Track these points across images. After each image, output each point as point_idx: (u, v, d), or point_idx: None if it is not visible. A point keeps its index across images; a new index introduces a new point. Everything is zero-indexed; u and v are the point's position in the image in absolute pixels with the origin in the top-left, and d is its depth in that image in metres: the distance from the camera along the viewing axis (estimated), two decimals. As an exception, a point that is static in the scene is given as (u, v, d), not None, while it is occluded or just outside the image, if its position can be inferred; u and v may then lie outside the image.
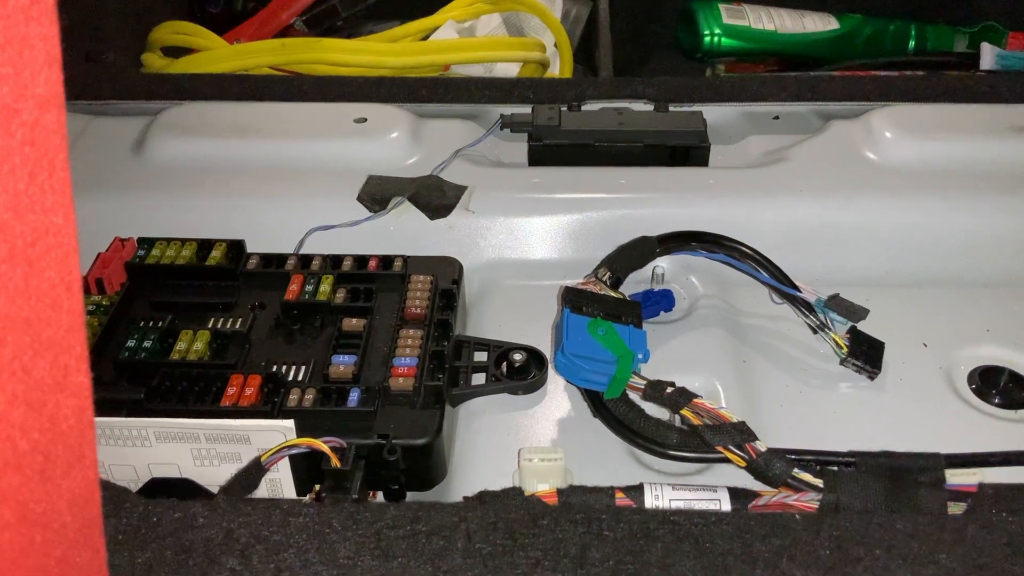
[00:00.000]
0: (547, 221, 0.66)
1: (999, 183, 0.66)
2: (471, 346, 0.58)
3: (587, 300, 0.54)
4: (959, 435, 0.54)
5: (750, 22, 1.05)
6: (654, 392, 0.50)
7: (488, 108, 0.76)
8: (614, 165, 0.70)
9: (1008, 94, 0.76)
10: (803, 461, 0.49)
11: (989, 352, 0.59)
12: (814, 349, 0.60)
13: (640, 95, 0.76)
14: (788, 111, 0.77)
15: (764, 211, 0.66)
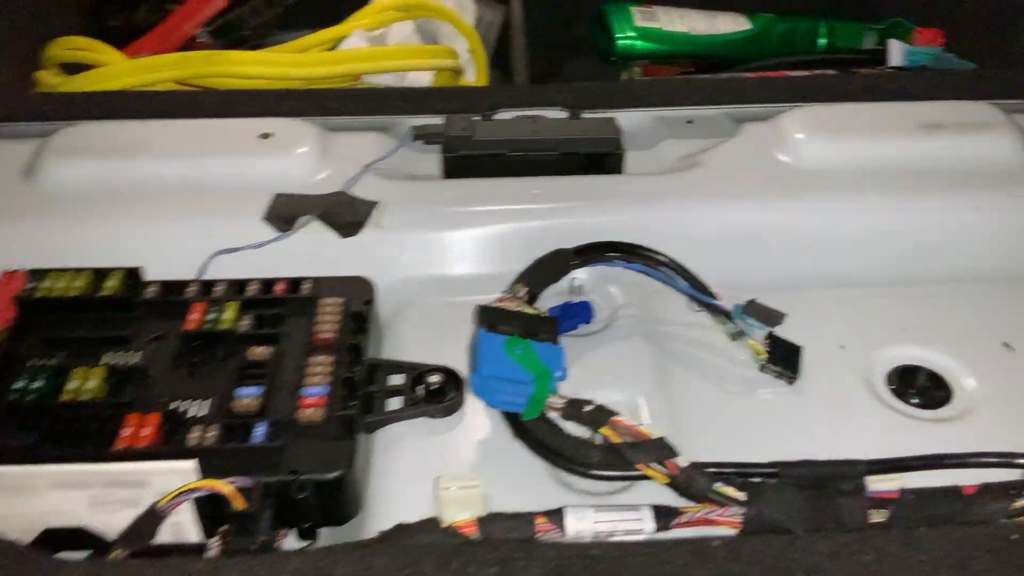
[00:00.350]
0: (462, 235, 0.64)
1: (910, 181, 0.66)
2: (386, 369, 0.56)
3: (503, 318, 0.53)
4: (879, 438, 0.54)
5: (662, 24, 1.05)
6: (573, 411, 0.49)
7: (400, 119, 0.74)
8: (530, 175, 0.69)
9: (916, 91, 0.77)
10: (725, 474, 0.48)
11: (906, 351, 0.60)
12: (734, 355, 0.59)
13: (554, 102, 0.75)
14: (702, 115, 0.77)
15: (680, 217, 0.65)
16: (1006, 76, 0.80)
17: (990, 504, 0.46)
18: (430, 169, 0.71)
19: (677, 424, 0.54)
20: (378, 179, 0.68)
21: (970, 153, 0.68)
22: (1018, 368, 0.58)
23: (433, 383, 0.54)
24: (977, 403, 0.56)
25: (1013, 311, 0.62)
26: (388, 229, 0.64)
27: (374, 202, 0.65)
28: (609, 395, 0.55)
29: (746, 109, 0.77)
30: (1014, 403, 0.55)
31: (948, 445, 0.52)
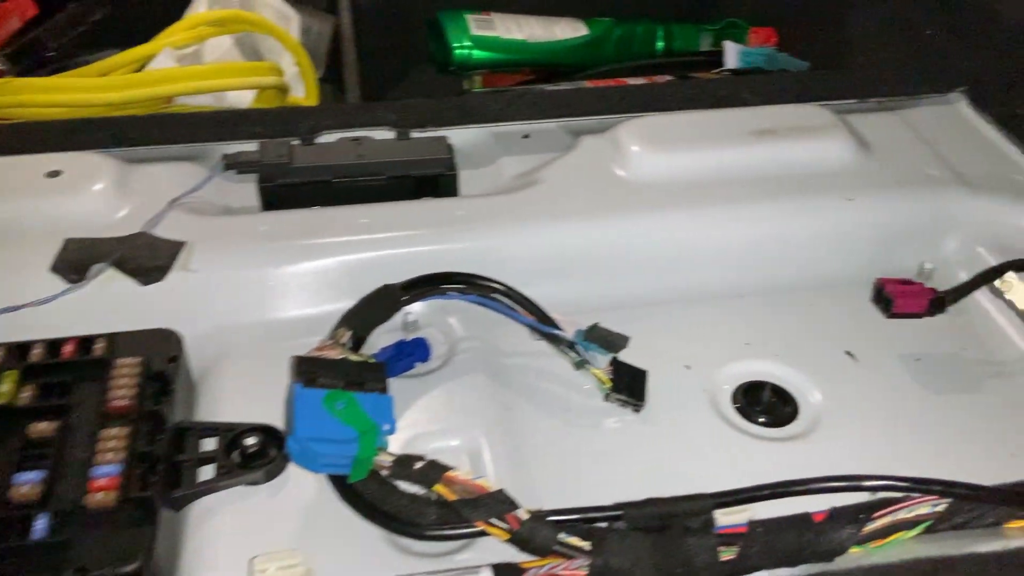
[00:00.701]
0: (284, 273, 0.59)
1: (745, 190, 0.65)
2: (197, 433, 0.50)
3: (323, 369, 0.48)
4: (728, 463, 0.52)
5: (499, 32, 1.02)
6: (402, 470, 0.45)
7: (211, 147, 0.68)
8: (357, 202, 0.64)
9: (749, 97, 0.76)
10: (569, 522, 0.45)
11: (751, 367, 0.58)
12: (580, 384, 0.56)
13: (381, 122, 0.71)
14: (538, 129, 0.74)
15: (519, 240, 0.62)
16: (837, 76, 0.81)
17: (841, 530, 0.44)
18: (247, 201, 0.65)
19: (521, 466, 0.51)
20: (186, 215, 0.62)
21: (803, 158, 0.68)
22: (861, 377, 0.57)
23: (249, 446, 0.49)
24: (823, 417, 0.55)
25: (853, 317, 0.61)
26: (198, 272, 0.58)
27: (181, 242, 0.59)
28: (448, 440, 0.52)
29: (581, 121, 0.74)
30: (859, 414, 0.55)
31: (797, 465, 0.51)
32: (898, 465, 0.51)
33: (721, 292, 0.63)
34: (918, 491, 0.44)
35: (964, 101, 0.78)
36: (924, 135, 0.73)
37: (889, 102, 0.78)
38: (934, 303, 0.59)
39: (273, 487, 0.49)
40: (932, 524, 0.44)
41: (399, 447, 0.51)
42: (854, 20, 0.95)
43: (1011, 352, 0.59)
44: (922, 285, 0.60)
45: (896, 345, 0.59)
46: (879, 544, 0.44)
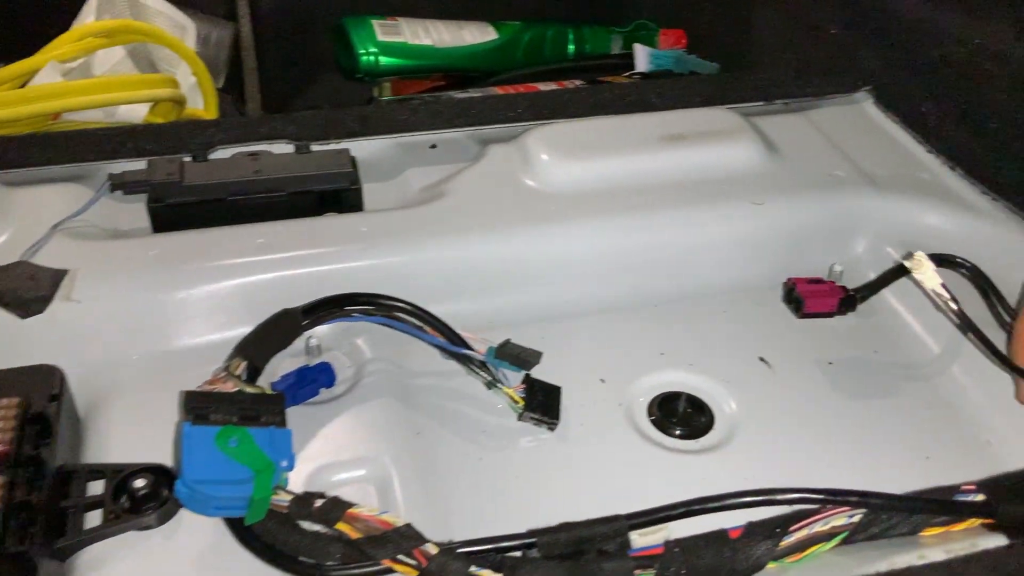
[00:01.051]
0: (176, 300, 0.56)
1: (656, 197, 0.64)
2: (83, 476, 0.47)
3: (215, 404, 0.45)
4: (646, 479, 0.51)
5: (407, 38, 0.99)
6: (302, 509, 0.42)
7: (97, 166, 0.65)
8: (256, 220, 0.61)
9: (657, 102, 0.75)
10: (480, 553, 0.43)
11: (666, 378, 0.57)
12: (492, 404, 0.55)
13: (280, 134, 0.68)
14: (445, 138, 0.72)
15: (426, 256, 0.60)
16: (744, 78, 0.81)
17: (757, 545, 0.43)
18: (137, 223, 0.62)
19: (433, 495, 0.49)
20: (70, 241, 0.58)
21: (712, 163, 0.67)
22: (775, 384, 0.56)
23: (139, 488, 0.46)
24: (739, 426, 0.54)
25: (766, 321, 0.61)
26: (83, 302, 0.54)
27: (64, 270, 0.55)
28: (355, 470, 0.50)
29: (491, 129, 0.73)
30: (775, 423, 0.54)
31: (715, 477, 0.50)
32: (815, 474, 0.51)
33: (635, 301, 0.62)
34: (833, 502, 0.44)
35: (870, 100, 0.79)
36: (831, 135, 0.73)
37: (796, 103, 0.78)
38: (844, 302, 0.59)
39: (167, 530, 0.46)
40: (848, 535, 0.43)
41: (301, 481, 0.48)
42: (761, 21, 0.96)
43: (921, 353, 0.59)
44: (832, 284, 0.60)
45: (809, 349, 0.59)
46: (797, 558, 0.43)
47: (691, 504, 0.45)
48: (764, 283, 0.63)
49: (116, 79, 0.80)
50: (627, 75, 1.03)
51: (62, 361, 0.50)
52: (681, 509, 0.45)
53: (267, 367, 0.52)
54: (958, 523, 0.44)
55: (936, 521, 0.44)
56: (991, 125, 0.69)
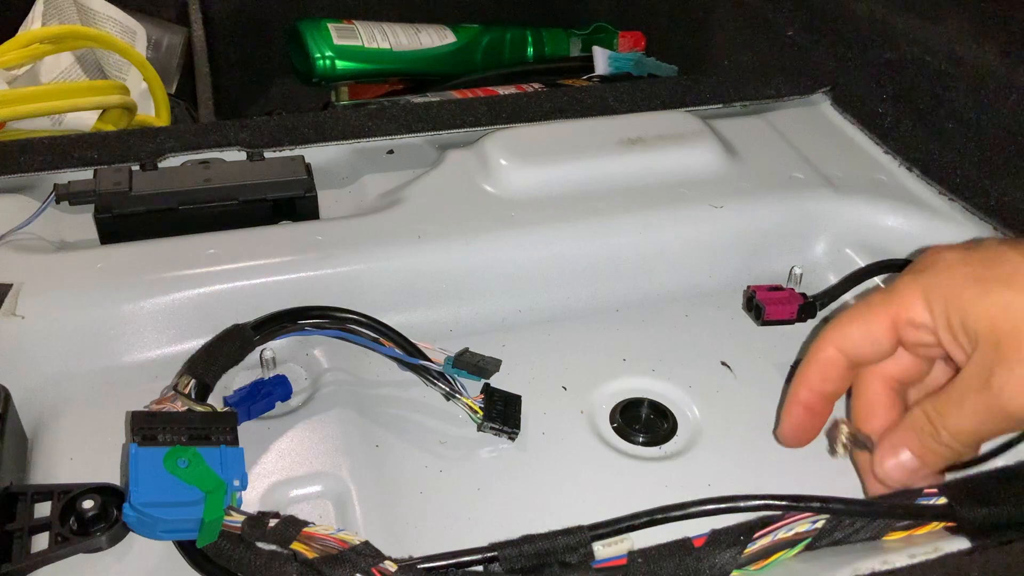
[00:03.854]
0: (124, 313, 0.54)
1: (616, 202, 0.64)
2: (29, 498, 0.45)
3: (163, 424, 0.44)
4: (609, 487, 0.50)
5: (363, 41, 0.98)
6: (255, 530, 0.41)
7: (43, 176, 0.63)
8: (209, 230, 0.60)
9: (616, 105, 0.75)
10: (440, 569, 0.42)
11: (628, 384, 0.57)
12: (453, 414, 0.54)
13: (231, 141, 0.66)
14: (403, 143, 0.71)
15: (383, 264, 0.59)
16: (702, 81, 0.80)
17: (721, 553, 0.43)
18: (85, 235, 0.60)
19: (393, 510, 0.48)
20: (13, 254, 0.56)
21: (671, 166, 0.67)
22: (737, 389, 0.56)
23: (87, 509, 0.44)
24: (702, 432, 0.54)
25: (728, 326, 0.61)
26: (27, 316, 0.52)
27: (8, 284, 0.54)
28: (311, 485, 0.49)
29: (450, 134, 0.72)
30: (737, 427, 0.54)
31: (678, 484, 0.50)
32: (778, 478, 0.51)
33: (597, 307, 0.62)
34: (795, 509, 0.43)
35: (827, 102, 0.79)
36: (789, 137, 0.73)
37: (754, 105, 0.78)
38: (804, 308, 0.59)
39: (117, 552, 0.45)
40: (812, 541, 0.43)
41: (256, 499, 0.47)
42: (718, 23, 0.96)
43: (881, 354, 0.59)
44: (792, 291, 0.60)
45: (771, 353, 0.58)
46: (761, 566, 0.43)
47: (654, 513, 0.44)
48: (725, 286, 0.63)
49: (64, 86, 0.78)
50: (586, 78, 1.03)
51: (7, 378, 0.49)
52: (644, 518, 0.44)
53: (221, 379, 0.51)
54: (921, 527, 0.44)
55: (899, 525, 0.43)
56: (948, 126, 0.69)
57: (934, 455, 0.45)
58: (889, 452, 0.46)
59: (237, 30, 1.01)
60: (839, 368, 0.48)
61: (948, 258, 0.45)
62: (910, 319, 0.45)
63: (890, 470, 0.46)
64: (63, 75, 0.84)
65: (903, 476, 0.46)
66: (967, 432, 0.44)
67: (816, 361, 0.48)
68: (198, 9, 0.95)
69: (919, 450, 0.45)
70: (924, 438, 0.45)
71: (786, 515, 0.43)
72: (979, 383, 0.42)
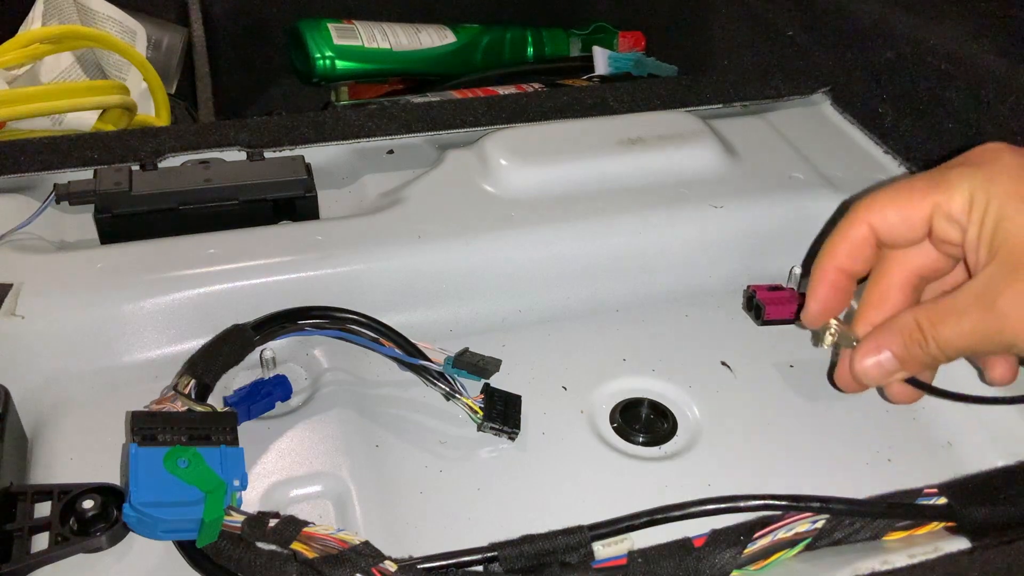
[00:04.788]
0: (125, 313, 0.54)
1: (616, 202, 0.64)
2: (29, 498, 0.45)
3: (163, 424, 0.44)
4: (609, 487, 0.50)
5: (363, 41, 0.98)
6: (255, 530, 0.41)
7: (43, 176, 0.63)
8: (209, 230, 0.60)
9: (616, 105, 0.75)
10: (440, 569, 0.42)
11: (628, 384, 0.57)
12: (453, 414, 0.54)
13: (232, 141, 0.66)
14: (403, 143, 0.71)
15: (384, 264, 0.59)
16: (702, 81, 0.80)
17: (721, 553, 0.43)
18: (85, 235, 0.60)
19: (394, 510, 0.48)
20: (13, 254, 0.56)
21: (672, 166, 0.67)
22: (737, 389, 0.56)
23: (87, 509, 0.44)
24: (702, 432, 0.54)
25: (728, 326, 0.61)
26: (28, 316, 0.52)
27: (7, 284, 0.54)
28: (311, 485, 0.49)
29: (450, 134, 0.72)
30: (738, 427, 0.54)
31: (679, 484, 0.50)
32: (778, 478, 0.51)
33: (597, 307, 0.62)
34: (795, 509, 0.43)
35: (827, 102, 0.79)
36: (789, 137, 0.73)
37: (754, 105, 0.78)
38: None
39: (117, 552, 0.45)
40: (812, 541, 0.43)
41: (256, 499, 0.47)
42: (718, 23, 0.96)
43: (881, 354, 0.59)
44: (793, 291, 0.60)
45: (771, 352, 0.59)
46: (761, 566, 0.43)
47: (654, 513, 0.44)
48: (725, 286, 0.63)
49: (64, 86, 0.78)
50: (586, 78, 1.03)
51: (7, 378, 0.49)
52: (644, 518, 0.44)
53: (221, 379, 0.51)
54: (921, 527, 0.44)
55: (899, 525, 0.44)
56: (948, 126, 0.69)
57: (915, 361, 0.44)
58: (872, 350, 0.45)
59: (237, 30, 1.01)
60: (869, 248, 0.46)
61: (1007, 162, 0.42)
62: (949, 212, 0.43)
63: (868, 368, 0.45)
64: (63, 75, 0.84)
65: (879, 376, 0.45)
66: (957, 347, 0.43)
67: (847, 239, 0.46)
68: (198, 9, 0.95)
69: (901, 353, 0.44)
70: (910, 344, 0.44)
71: (786, 515, 0.43)
72: (984, 302, 0.41)
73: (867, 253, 0.47)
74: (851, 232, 0.46)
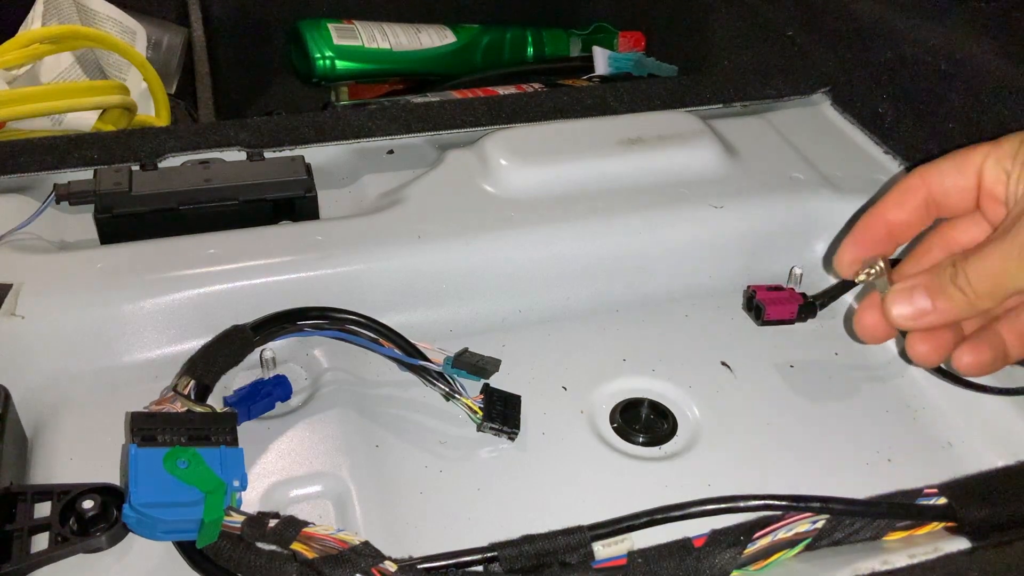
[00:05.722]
0: (124, 313, 0.54)
1: (616, 201, 0.64)
2: (29, 498, 0.45)
3: (162, 425, 0.44)
4: (609, 487, 0.50)
5: (363, 41, 0.98)
6: (255, 530, 0.41)
7: (43, 176, 0.63)
8: (209, 230, 0.60)
9: (616, 105, 0.75)
10: (440, 569, 0.42)
11: (628, 384, 0.57)
12: (453, 414, 0.54)
13: (232, 141, 0.66)
14: (403, 144, 0.71)
15: (384, 264, 0.59)
16: (702, 81, 0.80)
17: (721, 554, 0.43)
18: (85, 235, 0.60)
19: (394, 510, 0.48)
20: (13, 254, 0.56)
21: (672, 166, 0.67)
22: (737, 389, 0.56)
23: (87, 510, 0.44)
24: (702, 432, 0.54)
25: (728, 326, 0.61)
26: (27, 317, 0.52)
27: (7, 284, 0.54)
28: (311, 485, 0.49)
29: (450, 134, 0.72)
30: (738, 427, 0.54)
31: (678, 484, 0.50)
32: (778, 478, 0.51)
33: (597, 307, 0.62)
34: (795, 509, 0.43)
35: (827, 101, 0.79)
36: (789, 137, 0.73)
37: (754, 105, 0.78)
38: (804, 308, 0.59)
39: (117, 552, 0.45)
40: (812, 541, 0.43)
41: (256, 499, 0.47)
42: (718, 23, 0.96)
43: (882, 355, 0.59)
44: (792, 291, 0.60)
45: (771, 353, 0.59)
46: (761, 566, 0.43)
47: (654, 513, 0.44)
48: (725, 286, 0.63)
49: (64, 86, 0.78)
50: (586, 78, 1.03)
51: (7, 378, 0.49)
52: (644, 519, 0.44)
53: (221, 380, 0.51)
54: (921, 527, 0.44)
55: (899, 525, 0.43)
56: (948, 125, 0.69)
57: (947, 300, 0.44)
58: (905, 291, 0.45)
59: (237, 30, 1.00)
60: (917, 198, 0.47)
61: None
62: (998, 158, 0.44)
63: (900, 307, 0.45)
64: (63, 75, 0.84)
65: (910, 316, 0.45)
66: (982, 276, 0.43)
67: (898, 188, 0.47)
68: (198, 9, 0.95)
69: (933, 289, 0.44)
70: (942, 278, 0.44)
71: (786, 515, 0.43)
72: (1007, 233, 0.42)
73: (913, 203, 0.47)
74: (903, 183, 0.47)
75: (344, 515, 0.47)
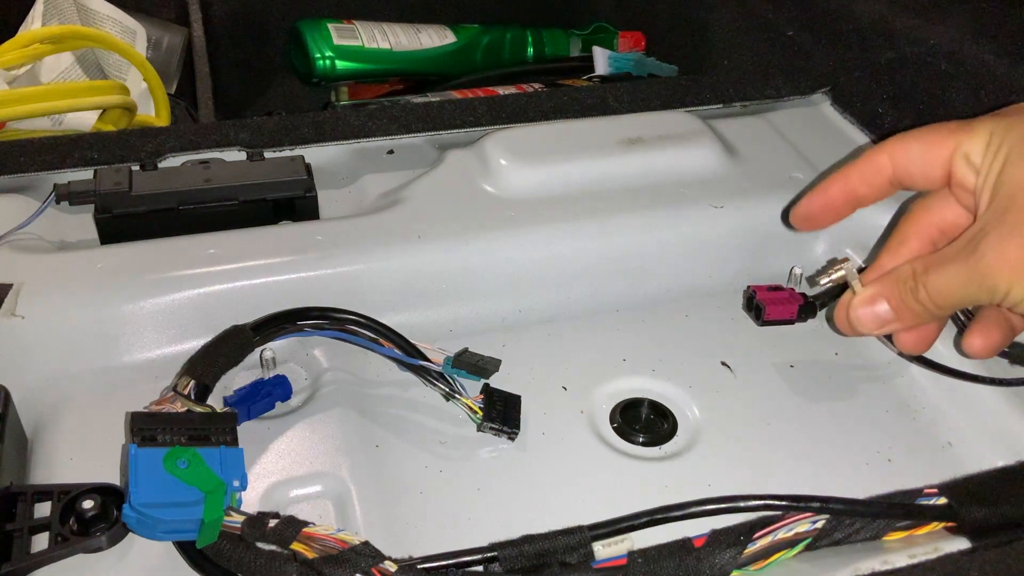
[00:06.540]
0: (124, 313, 0.54)
1: (616, 202, 0.64)
2: (29, 498, 0.45)
3: (162, 425, 0.44)
4: (609, 487, 0.50)
5: (363, 41, 0.98)
6: (255, 530, 0.41)
7: (43, 176, 0.63)
8: (209, 230, 0.60)
9: (616, 105, 0.75)
10: (440, 569, 0.42)
11: (628, 384, 0.57)
12: (453, 414, 0.54)
13: (232, 141, 0.66)
14: (403, 144, 0.71)
15: (383, 264, 0.59)
16: (702, 81, 0.80)
17: (721, 554, 0.43)
18: (85, 235, 0.60)
19: (394, 510, 0.48)
20: (13, 254, 0.56)
21: (672, 166, 0.67)
22: (737, 389, 0.56)
23: (87, 509, 0.44)
24: (702, 432, 0.54)
25: (728, 326, 0.61)
26: (28, 317, 0.52)
27: (7, 284, 0.54)
28: (311, 486, 0.49)
29: (450, 134, 0.72)
30: (738, 427, 0.54)
31: (678, 484, 0.50)
32: (778, 478, 0.51)
33: (597, 307, 0.61)
34: (795, 509, 0.43)
35: (827, 102, 0.79)
36: (789, 137, 0.73)
37: (754, 105, 0.78)
38: (804, 309, 0.59)
39: (118, 552, 0.45)
40: (812, 541, 0.43)
41: (256, 499, 0.47)
42: (718, 23, 0.96)
43: (882, 355, 0.59)
44: (792, 291, 0.60)
45: (771, 353, 0.59)
46: (761, 566, 0.43)
47: (654, 513, 0.44)
48: (725, 286, 0.63)
49: (64, 86, 0.78)
50: (586, 78, 1.03)
51: (7, 378, 0.49)
52: (644, 518, 0.44)
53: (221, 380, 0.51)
54: (921, 527, 0.44)
55: (899, 525, 0.44)
56: (947, 126, 0.69)
57: (909, 311, 0.44)
58: (868, 299, 0.46)
59: (237, 30, 1.00)
60: (882, 176, 0.47)
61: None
62: (968, 153, 0.44)
63: (863, 315, 0.46)
64: (63, 75, 0.84)
65: (873, 324, 0.46)
66: (943, 293, 0.43)
67: (864, 160, 0.47)
68: (198, 9, 0.95)
69: (896, 302, 0.45)
70: (904, 292, 0.44)
71: (786, 515, 0.43)
72: (969, 246, 0.41)
73: (878, 180, 0.47)
74: (870, 156, 0.47)
75: (344, 515, 0.47)
